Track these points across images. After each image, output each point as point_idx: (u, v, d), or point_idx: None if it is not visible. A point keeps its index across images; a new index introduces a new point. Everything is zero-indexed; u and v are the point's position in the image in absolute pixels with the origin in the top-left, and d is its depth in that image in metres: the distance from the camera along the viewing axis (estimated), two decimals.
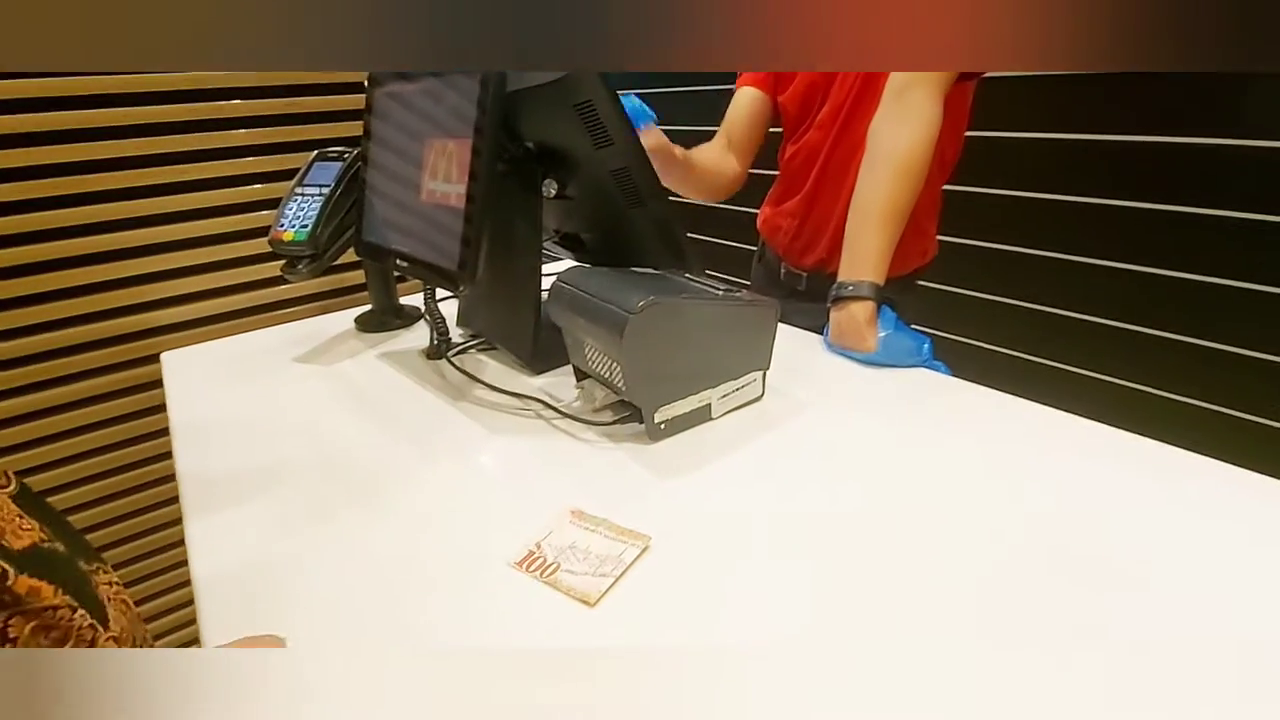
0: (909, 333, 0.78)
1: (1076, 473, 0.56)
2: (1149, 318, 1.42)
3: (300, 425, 0.71)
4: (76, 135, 0.98)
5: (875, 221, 0.78)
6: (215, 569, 0.50)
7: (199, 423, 0.74)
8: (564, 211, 0.82)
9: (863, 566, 0.47)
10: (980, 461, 0.59)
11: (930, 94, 0.77)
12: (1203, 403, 1.36)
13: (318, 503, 0.58)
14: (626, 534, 0.50)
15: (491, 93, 0.64)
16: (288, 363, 0.88)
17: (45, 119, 0.96)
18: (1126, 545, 0.48)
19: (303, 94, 1.14)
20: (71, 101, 0.97)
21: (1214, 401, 1.35)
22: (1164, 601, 0.43)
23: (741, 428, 0.66)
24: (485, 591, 0.46)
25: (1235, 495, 0.53)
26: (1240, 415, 1.32)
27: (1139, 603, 0.42)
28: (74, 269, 1.02)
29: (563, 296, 0.65)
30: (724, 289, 0.65)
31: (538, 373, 0.80)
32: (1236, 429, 1.33)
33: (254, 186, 1.12)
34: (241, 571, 0.50)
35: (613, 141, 0.66)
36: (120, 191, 1.03)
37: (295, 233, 0.84)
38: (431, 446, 0.66)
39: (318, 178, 0.89)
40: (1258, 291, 1.25)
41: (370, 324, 0.98)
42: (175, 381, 0.84)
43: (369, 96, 0.84)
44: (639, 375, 0.60)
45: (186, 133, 1.06)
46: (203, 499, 0.59)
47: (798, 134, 0.98)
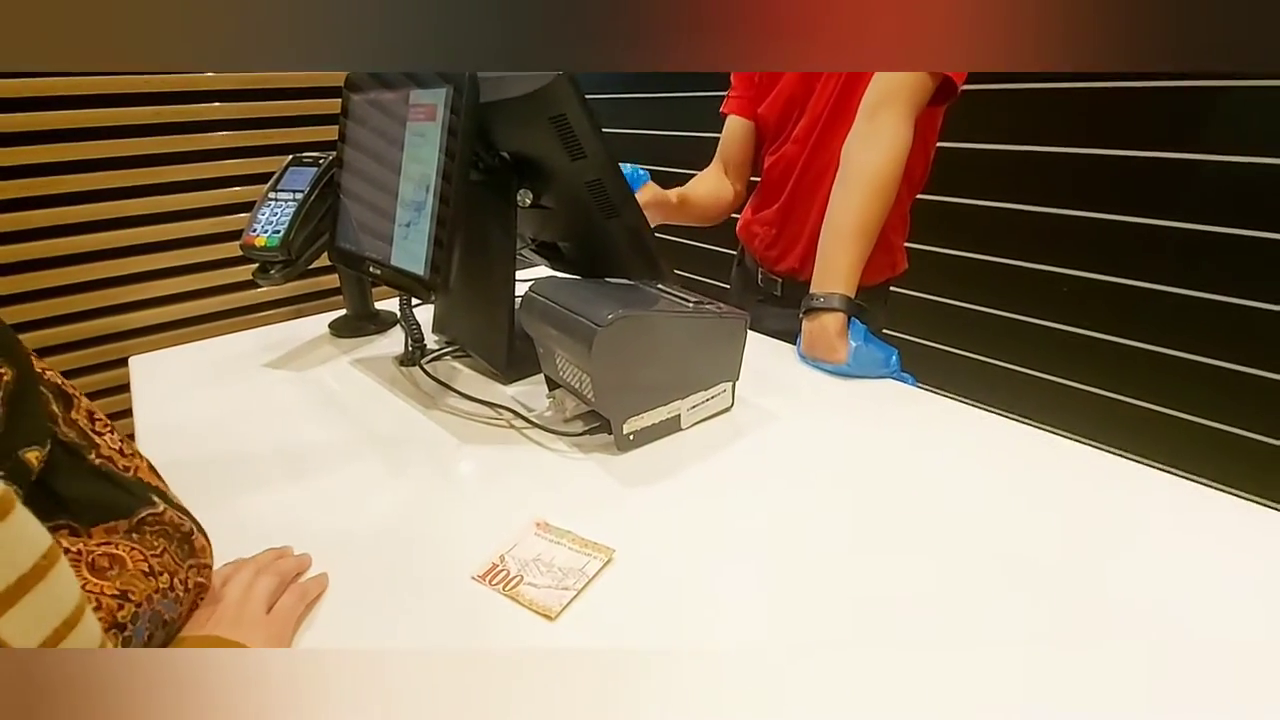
0: (878, 344, 0.79)
1: (1038, 483, 0.58)
2: (1111, 326, 1.46)
3: (270, 431, 0.71)
4: (48, 136, 0.97)
5: (847, 237, 0.80)
6: None
7: (165, 428, 0.73)
8: (540, 220, 0.82)
9: (826, 576, 0.48)
10: (944, 471, 0.60)
11: (901, 115, 0.79)
12: (1167, 409, 1.39)
13: (283, 510, 0.57)
14: (590, 546, 0.50)
15: (465, 98, 0.65)
16: (259, 368, 0.87)
17: (16, 119, 0.94)
18: (1086, 552, 0.49)
19: (281, 98, 1.14)
20: (44, 102, 0.96)
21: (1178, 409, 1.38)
22: (1124, 606, 0.44)
23: (710, 438, 0.66)
24: (445, 604, 0.46)
25: (1202, 510, 0.54)
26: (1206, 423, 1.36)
27: (1098, 607, 0.44)
28: (41, 271, 1.00)
29: (534, 307, 0.65)
30: (694, 300, 0.66)
31: (511, 381, 0.80)
32: (1203, 437, 1.36)
33: (230, 189, 1.12)
34: None
35: (586, 154, 0.66)
36: (90, 194, 1.01)
37: (268, 238, 0.84)
38: (402, 454, 0.66)
39: (292, 182, 0.88)
40: (1225, 303, 1.29)
41: (345, 329, 0.97)
42: (142, 386, 0.83)
43: (345, 101, 0.83)
44: (608, 386, 0.61)
45: (161, 134, 1.05)
46: None
47: (776, 145, 1.00)
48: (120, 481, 0.37)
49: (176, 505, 0.41)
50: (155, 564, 0.36)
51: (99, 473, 0.36)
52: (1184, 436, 1.37)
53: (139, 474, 0.39)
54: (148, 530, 0.37)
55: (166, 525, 0.38)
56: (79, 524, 0.35)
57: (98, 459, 0.36)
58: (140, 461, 0.40)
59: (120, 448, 0.39)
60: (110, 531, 0.36)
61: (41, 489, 0.33)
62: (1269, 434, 1.27)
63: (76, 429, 0.36)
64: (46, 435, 0.33)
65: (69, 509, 0.34)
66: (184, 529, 0.40)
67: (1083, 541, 0.51)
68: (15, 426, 0.31)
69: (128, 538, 0.36)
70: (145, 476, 0.40)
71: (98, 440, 0.37)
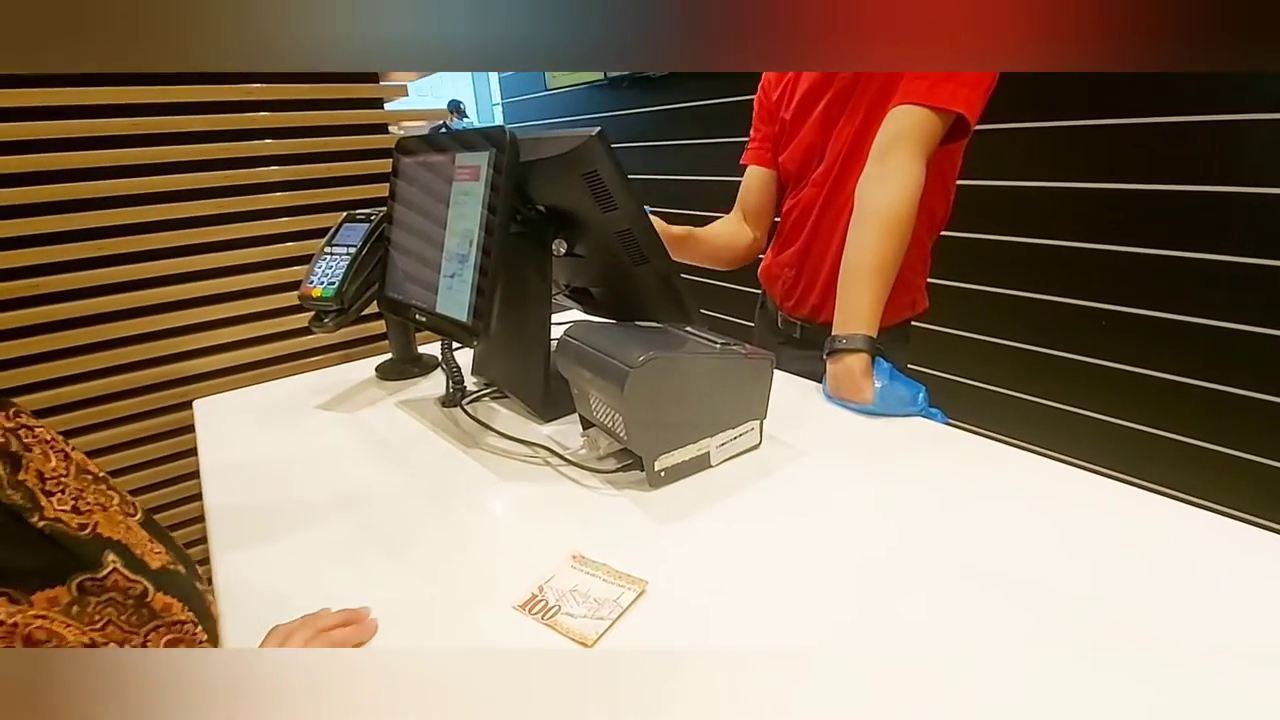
0: (905, 382, 0.80)
1: (1072, 523, 0.58)
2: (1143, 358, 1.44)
3: (322, 469, 0.75)
4: (120, 201, 1.07)
5: (864, 277, 0.82)
6: (238, 604, 0.53)
7: (227, 466, 0.78)
8: (574, 268, 0.87)
9: (857, 612, 0.49)
10: (975, 510, 0.61)
11: (913, 155, 0.82)
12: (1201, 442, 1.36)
13: (336, 544, 0.61)
14: (624, 578, 0.53)
15: (507, 156, 0.70)
16: (311, 409, 0.92)
17: (95, 186, 1.04)
18: (1119, 594, 0.49)
19: (333, 160, 1.23)
20: (119, 171, 1.06)
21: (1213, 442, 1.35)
22: (1166, 645, 0.44)
23: (739, 475, 0.68)
24: (488, 632, 0.49)
25: (1248, 550, 0.53)
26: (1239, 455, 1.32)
27: (1138, 646, 0.44)
28: (114, 322, 1.09)
29: (569, 350, 0.69)
30: (721, 342, 0.69)
31: (547, 420, 0.83)
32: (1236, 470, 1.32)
33: (284, 245, 1.20)
34: (263, 608, 0.53)
35: (618, 206, 0.71)
36: (158, 251, 1.10)
37: (324, 289, 0.90)
38: (445, 491, 0.69)
39: (346, 238, 0.95)
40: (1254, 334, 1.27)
41: (390, 372, 1.02)
42: (206, 427, 0.89)
43: (395, 163, 0.90)
44: (639, 425, 0.64)
45: (223, 196, 1.14)
46: (229, 538, 0.63)
47: (795, 190, 1.03)
48: (67, 543, 0.36)
49: (136, 562, 0.38)
50: (97, 637, 0.35)
51: (42, 536, 0.35)
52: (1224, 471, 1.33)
53: (97, 529, 0.37)
54: (92, 600, 0.35)
55: (113, 592, 0.36)
56: (18, 591, 0.33)
57: (41, 521, 0.35)
58: (99, 516, 0.38)
59: (75, 504, 0.37)
60: (52, 602, 0.34)
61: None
62: None
63: (23, 490, 0.35)
64: None
65: (7, 576, 0.33)
66: (134, 592, 0.37)
67: (1121, 583, 0.50)
68: None
69: (67, 611, 0.34)
70: (106, 530, 0.38)
71: (44, 502, 0.36)
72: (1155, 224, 1.36)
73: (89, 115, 1.03)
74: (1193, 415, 1.35)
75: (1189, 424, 1.36)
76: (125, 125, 1.05)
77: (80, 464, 0.40)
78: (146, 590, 0.37)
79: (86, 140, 1.03)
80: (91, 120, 1.03)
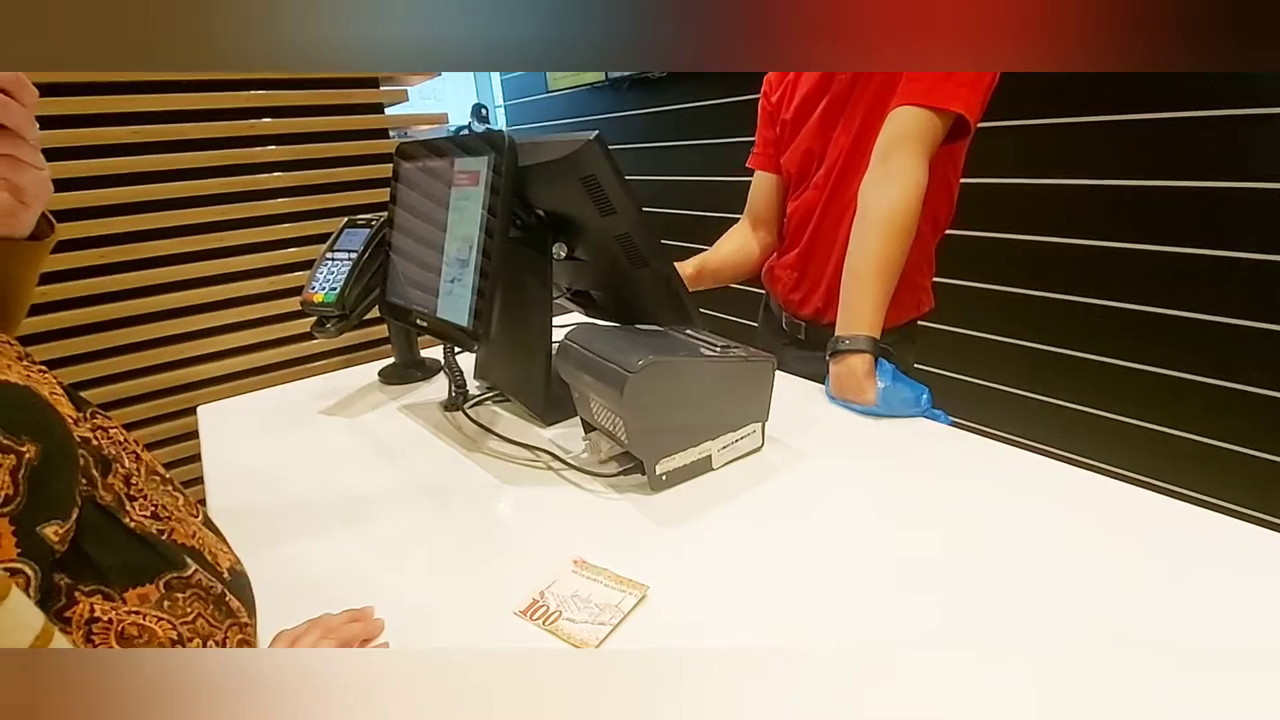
0: (908, 383, 0.80)
1: (1079, 525, 0.57)
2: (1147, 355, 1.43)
3: (325, 474, 0.76)
4: (125, 209, 1.07)
5: (867, 279, 0.82)
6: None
7: (231, 471, 0.78)
8: (574, 271, 0.87)
9: (859, 614, 0.49)
10: (979, 512, 0.60)
11: (914, 155, 0.82)
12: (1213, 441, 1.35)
13: (339, 548, 0.61)
14: (625, 583, 0.52)
15: (506, 160, 0.70)
16: (314, 415, 0.93)
17: (104, 194, 1.05)
18: (1128, 597, 0.49)
19: (333, 166, 1.23)
20: (123, 179, 1.07)
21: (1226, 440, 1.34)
22: (1174, 647, 0.43)
23: (741, 478, 0.68)
24: (489, 637, 0.49)
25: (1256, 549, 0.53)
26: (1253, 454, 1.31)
27: (1146, 647, 0.43)
28: (118, 329, 1.09)
29: (569, 355, 0.69)
30: (721, 345, 0.68)
31: (549, 424, 0.83)
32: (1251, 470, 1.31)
33: (285, 251, 1.20)
34: (267, 612, 0.53)
35: (616, 210, 0.70)
36: (162, 258, 1.11)
37: (325, 294, 0.90)
38: (446, 496, 0.69)
39: (347, 243, 0.95)
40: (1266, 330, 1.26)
41: (393, 377, 1.03)
42: (210, 433, 0.89)
43: (396, 168, 0.91)
44: (640, 429, 0.64)
45: (225, 203, 1.15)
46: (233, 542, 0.62)
47: (797, 193, 1.03)
48: (154, 544, 0.37)
49: (210, 566, 0.40)
50: (185, 630, 0.36)
51: (133, 535, 0.36)
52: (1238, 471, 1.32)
53: (173, 536, 0.39)
54: (179, 596, 0.37)
55: (197, 589, 0.38)
56: (112, 589, 0.34)
57: (131, 522, 0.37)
58: (176, 524, 0.40)
59: (154, 511, 0.39)
60: (143, 598, 0.35)
61: (78, 555, 0.33)
62: None
63: (113, 493, 0.37)
64: (72, 506, 0.33)
65: (103, 574, 0.34)
66: (214, 592, 0.39)
67: (1132, 586, 0.50)
68: (36, 500, 0.31)
69: (159, 606, 0.36)
70: (182, 537, 0.40)
71: (128, 507, 0.37)
72: (1163, 221, 1.35)
73: (92, 124, 1.04)
74: (1205, 414, 1.34)
75: (1201, 423, 1.35)
76: (127, 134, 1.06)
77: (149, 464, 0.42)
78: (224, 592, 0.40)
79: (89, 149, 1.04)
80: (94, 129, 1.04)
